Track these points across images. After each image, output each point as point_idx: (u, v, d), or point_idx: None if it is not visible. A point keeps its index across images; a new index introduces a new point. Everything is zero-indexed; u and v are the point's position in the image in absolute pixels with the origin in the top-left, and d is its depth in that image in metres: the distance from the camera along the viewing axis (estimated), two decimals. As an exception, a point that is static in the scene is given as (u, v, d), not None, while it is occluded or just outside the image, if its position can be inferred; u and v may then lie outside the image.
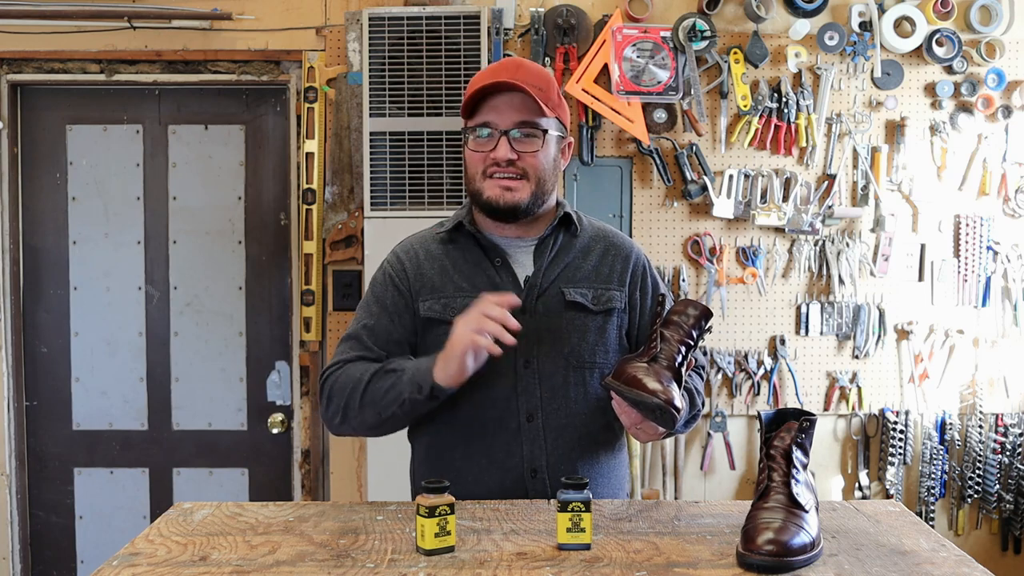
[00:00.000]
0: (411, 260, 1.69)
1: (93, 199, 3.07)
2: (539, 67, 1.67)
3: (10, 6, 2.84)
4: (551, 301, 1.64)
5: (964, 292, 2.96)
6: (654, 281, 1.74)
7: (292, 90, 2.97)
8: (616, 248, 1.72)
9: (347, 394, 1.59)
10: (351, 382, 1.60)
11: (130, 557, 1.26)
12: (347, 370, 1.62)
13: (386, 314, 1.66)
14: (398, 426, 1.65)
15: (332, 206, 2.92)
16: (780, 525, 1.20)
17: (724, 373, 2.93)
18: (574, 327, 1.63)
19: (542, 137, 1.60)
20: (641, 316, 1.72)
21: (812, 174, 2.93)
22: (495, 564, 1.23)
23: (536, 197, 1.62)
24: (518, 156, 1.58)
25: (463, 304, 1.59)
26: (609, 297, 1.67)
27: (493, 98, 1.59)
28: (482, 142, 1.60)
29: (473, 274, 1.65)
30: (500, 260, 1.65)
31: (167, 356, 3.08)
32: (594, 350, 1.64)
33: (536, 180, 1.61)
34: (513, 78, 1.57)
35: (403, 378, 1.55)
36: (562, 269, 1.66)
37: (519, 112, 1.58)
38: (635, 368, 1.41)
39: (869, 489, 2.98)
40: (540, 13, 2.85)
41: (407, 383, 1.54)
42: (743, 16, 2.88)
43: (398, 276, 1.68)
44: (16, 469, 3.04)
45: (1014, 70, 2.93)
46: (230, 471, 3.10)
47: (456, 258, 1.67)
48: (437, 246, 1.70)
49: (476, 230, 1.67)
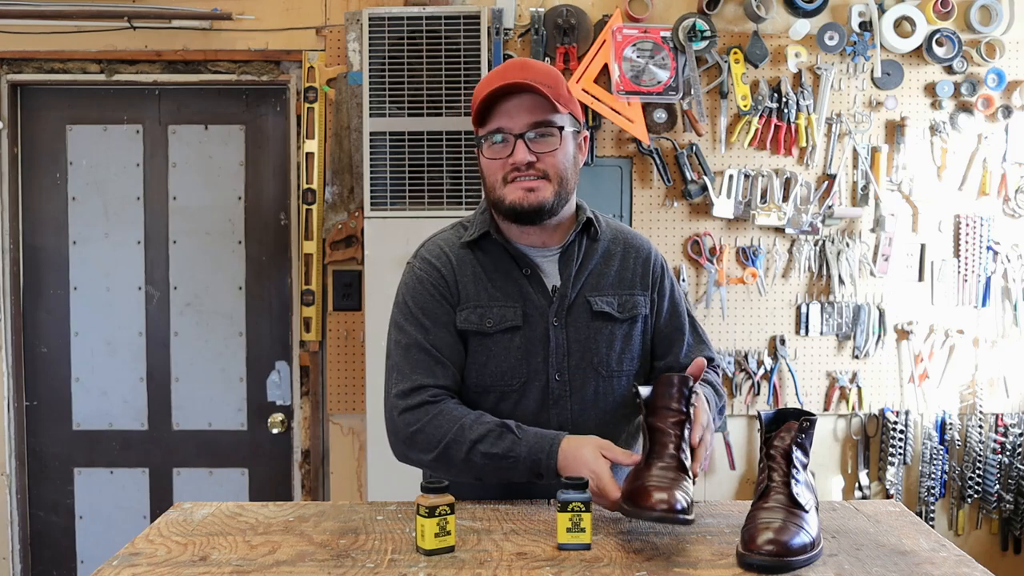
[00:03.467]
0: (446, 267, 1.62)
1: (93, 199, 3.07)
2: (545, 65, 1.64)
3: (10, 6, 2.84)
4: (579, 312, 1.61)
5: (964, 292, 2.96)
6: (671, 282, 1.72)
7: (292, 90, 2.97)
8: (635, 250, 1.70)
9: (445, 443, 1.50)
10: (444, 437, 1.50)
11: (130, 557, 1.26)
12: (436, 420, 1.51)
13: (440, 326, 1.58)
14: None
15: (332, 206, 2.92)
16: (780, 525, 1.20)
17: (724, 373, 2.93)
18: (602, 337, 1.61)
19: (558, 135, 1.56)
20: (658, 318, 1.70)
21: (812, 174, 2.93)
22: (495, 564, 1.22)
23: (559, 196, 1.57)
24: (537, 158, 1.53)
25: (499, 315, 1.57)
26: (634, 303, 1.65)
27: (503, 102, 1.54)
28: (497, 149, 1.55)
29: (505, 284, 1.61)
30: (529, 270, 1.61)
31: (167, 356, 3.08)
32: (621, 358, 1.63)
33: (558, 179, 1.56)
34: (522, 78, 1.53)
35: (520, 453, 1.47)
36: (587, 277, 1.64)
37: (531, 113, 1.54)
38: (641, 477, 1.32)
39: (869, 489, 2.98)
40: (540, 13, 2.85)
41: (524, 463, 1.47)
42: (743, 16, 2.88)
43: (440, 285, 1.60)
44: (16, 469, 3.04)
45: (1014, 70, 2.93)
46: (230, 471, 3.10)
47: (487, 266, 1.62)
48: (466, 253, 1.63)
49: (504, 239, 1.62)
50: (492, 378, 1.58)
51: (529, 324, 1.59)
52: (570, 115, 1.59)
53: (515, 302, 1.59)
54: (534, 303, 1.60)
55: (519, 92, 1.54)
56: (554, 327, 1.59)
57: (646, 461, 1.34)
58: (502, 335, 1.58)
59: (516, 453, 1.47)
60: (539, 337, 1.59)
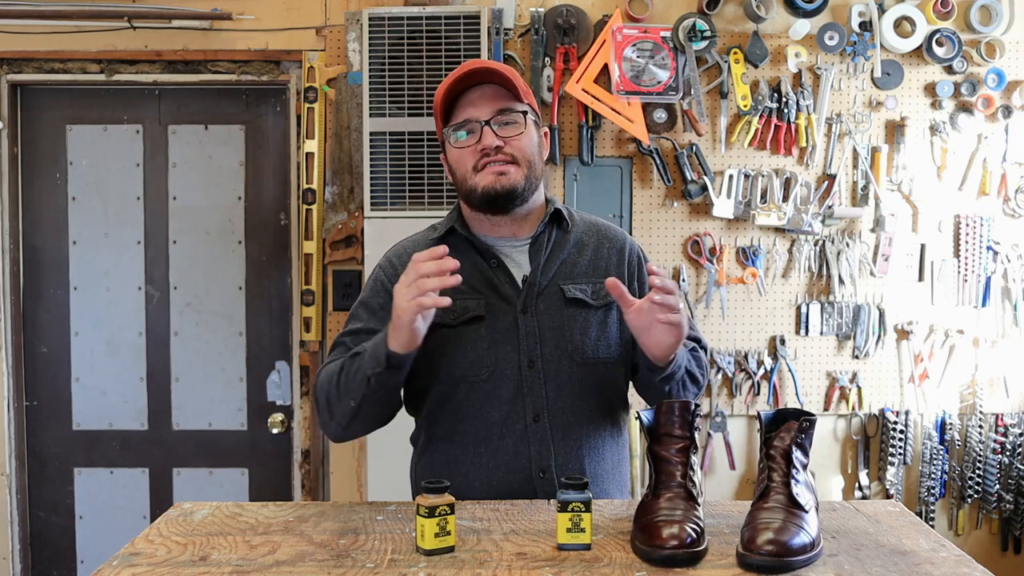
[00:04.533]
0: (404, 264, 1.65)
1: (93, 199, 3.07)
2: (501, 63, 1.71)
3: (10, 6, 2.84)
4: (551, 299, 1.63)
5: (964, 292, 2.96)
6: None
7: (292, 90, 2.97)
8: (610, 240, 1.72)
9: (327, 391, 1.60)
10: (328, 378, 1.60)
11: (130, 557, 1.26)
12: (325, 370, 1.63)
13: (375, 319, 1.65)
14: (381, 410, 1.61)
15: (332, 206, 2.92)
16: (780, 525, 1.20)
17: (724, 373, 2.93)
18: (576, 324, 1.62)
19: (523, 120, 1.61)
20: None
21: (812, 174, 2.93)
22: (495, 564, 1.22)
23: (529, 181, 1.61)
24: (504, 142, 1.58)
25: (462, 306, 1.59)
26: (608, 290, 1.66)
27: (466, 95, 1.60)
28: (465, 139, 1.60)
29: (470, 275, 1.63)
30: (496, 260, 1.64)
31: (167, 356, 3.08)
32: (597, 345, 1.63)
33: (527, 163, 1.60)
34: (484, 66, 1.59)
35: (364, 357, 1.54)
36: (559, 266, 1.66)
37: (495, 101, 1.59)
38: (650, 511, 1.30)
39: (869, 489, 2.98)
40: (540, 13, 2.85)
41: (368, 361, 1.52)
42: (743, 16, 2.88)
43: (390, 280, 1.66)
44: (16, 469, 3.04)
45: (1014, 70, 2.93)
46: (230, 471, 3.10)
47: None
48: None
49: (469, 233, 1.66)
50: (461, 368, 1.60)
51: (494, 314, 1.60)
52: (529, 106, 1.64)
53: (479, 293, 1.61)
54: (501, 293, 1.62)
55: (481, 83, 1.60)
56: (523, 315, 1.60)
57: (654, 492, 1.32)
58: (466, 326, 1.59)
59: (364, 347, 1.55)
60: (507, 326, 1.60)
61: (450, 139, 1.62)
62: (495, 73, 1.59)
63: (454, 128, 1.61)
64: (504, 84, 1.59)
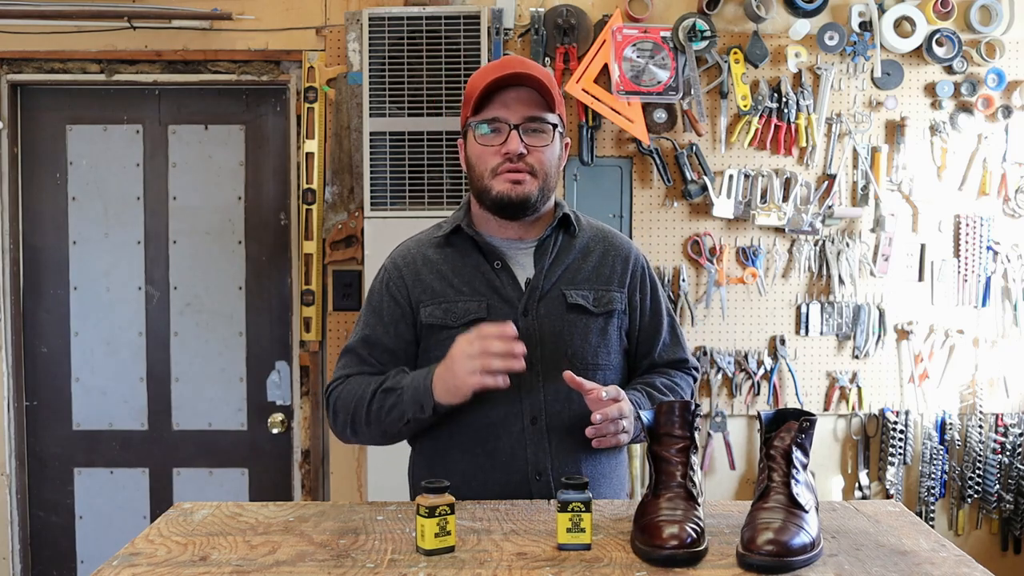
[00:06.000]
0: (408, 267, 1.68)
1: (93, 199, 3.07)
2: (541, 66, 1.69)
3: (10, 6, 2.84)
4: (553, 303, 1.63)
5: (964, 292, 2.96)
6: (652, 283, 1.75)
7: (292, 90, 2.97)
8: (616, 249, 1.72)
9: (351, 412, 1.62)
10: (353, 399, 1.62)
11: (130, 557, 1.26)
12: (348, 386, 1.64)
13: (381, 324, 1.66)
14: (407, 436, 1.69)
15: (332, 206, 2.92)
16: (780, 525, 1.20)
17: (724, 373, 2.93)
18: (576, 329, 1.63)
19: (551, 132, 1.61)
20: (641, 317, 1.72)
21: (812, 174, 2.93)
22: (495, 564, 1.22)
23: (543, 192, 1.62)
24: (528, 151, 1.58)
25: (464, 308, 1.59)
26: (610, 299, 1.67)
27: (501, 94, 1.59)
28: (490, 137, 1.59)
29: (472, 277, 1.64)
30: (500, 262, 1.64)
31: (167, 356, 3.08)
32: (596, 351, 1.64)
33: (543, 176, 1.61)
34: (524, 70, 1.58)
35: (404, 397, 1.56)
36: (563, 271, 1.66)
37: (528, 107, 1.58)
38: (650, 512, 1.29)
39: (869, 489, 2.98)
40: (540, 13, 2.85)
41: (409, 403, 1.55)
42: (743, 16, 2.88)
43: (395, 285, 1.67)
44: (16, 469, 3.04)
45: (1014, 70, 2.93)
46: (230, 471, 3.10)
47: (455, 262, 1.66)
48: (435, 250, 1.69)
49: (475, 232, 1.66)
50: None
51: (495, 316, 1.60)
52: (559, 117, 1.64)
53: (481, 295, 1.62)
54: (503, 295, 1.62)
55: (518, 85, 1.59)
56: (524, 318, 1.60)
57: (654, 492, 1.32)
58: (467, 328, 1.59)
59: (402, 384, 1.56)
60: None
61: (474, 130, 1.61)
62: (534, 79, 1.58)
63: (481, 122, 1.60)
64: (540, 90, 1.59)
